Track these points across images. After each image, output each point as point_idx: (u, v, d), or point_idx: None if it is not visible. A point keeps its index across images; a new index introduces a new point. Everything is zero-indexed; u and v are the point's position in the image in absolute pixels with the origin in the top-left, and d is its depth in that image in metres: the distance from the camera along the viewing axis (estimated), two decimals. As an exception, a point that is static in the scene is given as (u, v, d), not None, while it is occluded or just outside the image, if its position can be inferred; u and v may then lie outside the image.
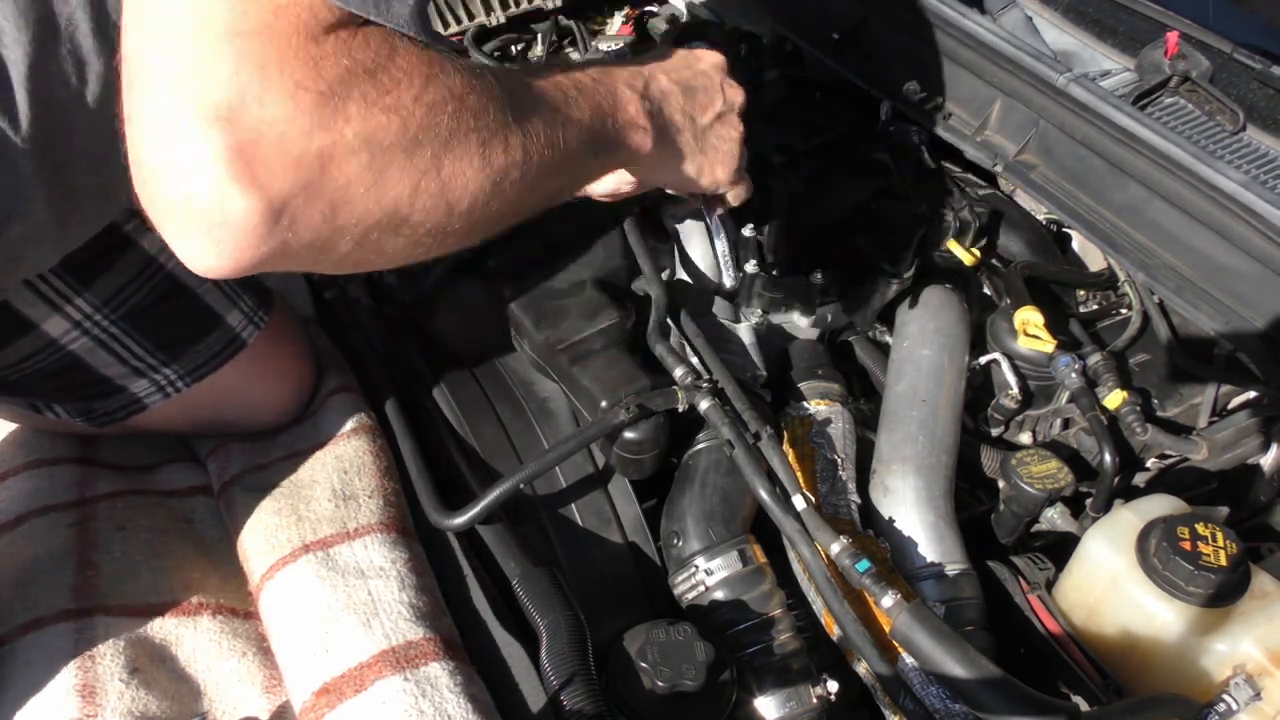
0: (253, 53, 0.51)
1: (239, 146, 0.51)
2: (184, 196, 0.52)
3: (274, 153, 0.52)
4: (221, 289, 1.07)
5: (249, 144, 0.51)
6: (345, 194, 0.56)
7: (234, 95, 0.50)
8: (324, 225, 0.56)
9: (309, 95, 0.53)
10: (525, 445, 1.15)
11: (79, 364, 1.01)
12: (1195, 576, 0.93)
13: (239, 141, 0.51)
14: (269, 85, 0.51)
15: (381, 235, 0.61)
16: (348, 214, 0.57)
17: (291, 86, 0.52)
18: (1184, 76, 1.32)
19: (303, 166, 0.53)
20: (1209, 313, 1.21)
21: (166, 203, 0.53)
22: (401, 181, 0.58)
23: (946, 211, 1.40)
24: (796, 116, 1.55)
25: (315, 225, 0.56)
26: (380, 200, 0.58)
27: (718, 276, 1.34)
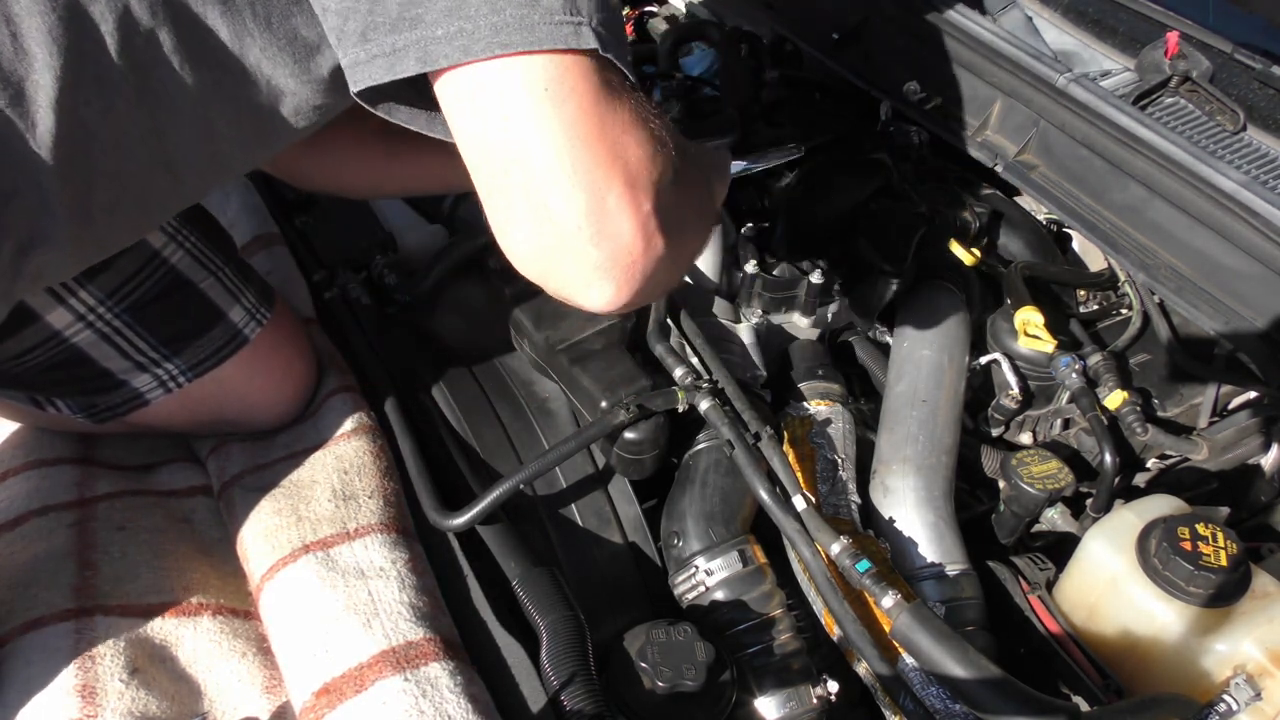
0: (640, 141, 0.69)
1: (657, 207, 0.70)
2: (621, 250, 0.69)
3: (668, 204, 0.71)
4: (224, 285, 1.07)
5: (658, 203, 0.70)
6: (693, 229, 0.80)
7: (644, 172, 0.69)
8: (686, 258, 0.84)
9: (677, 163, 0.72)
10: (525, 445, 1.15)
11: (81, 357, 1.00)
12: (1195, 577, 0.93)
13: (656, 203, 0.70)
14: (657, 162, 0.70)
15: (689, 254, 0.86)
16: (694, 245, 0.84)
17: (669, 159, 0.71)
18: (1184, 76, 1.32)
19: (672, 216, 0.71)
20: (1209, 313, 1.21)
21: (588, 262, 0.69)
22: (705, 215, 0.87)
23: (946, 211, 1.40)
24: (796, 116, 1.55)
25: (686, 256, 0.83)
26: (702, 229, 0.88)
27: (718, 276, 1.34)
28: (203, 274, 1.05)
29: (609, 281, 0.69)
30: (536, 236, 0.68)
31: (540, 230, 0.68)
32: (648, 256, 0.69)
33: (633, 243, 0.68)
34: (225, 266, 1.07)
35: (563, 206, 0.66)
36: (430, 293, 1.28)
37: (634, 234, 0.67)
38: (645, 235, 0.68)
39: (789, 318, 1.37)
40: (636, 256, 0.68)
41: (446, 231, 1.40)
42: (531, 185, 0.66)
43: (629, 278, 0.69)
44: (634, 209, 0.67)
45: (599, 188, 0.66)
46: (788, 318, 1.37)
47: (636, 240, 0.68)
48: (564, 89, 0.65)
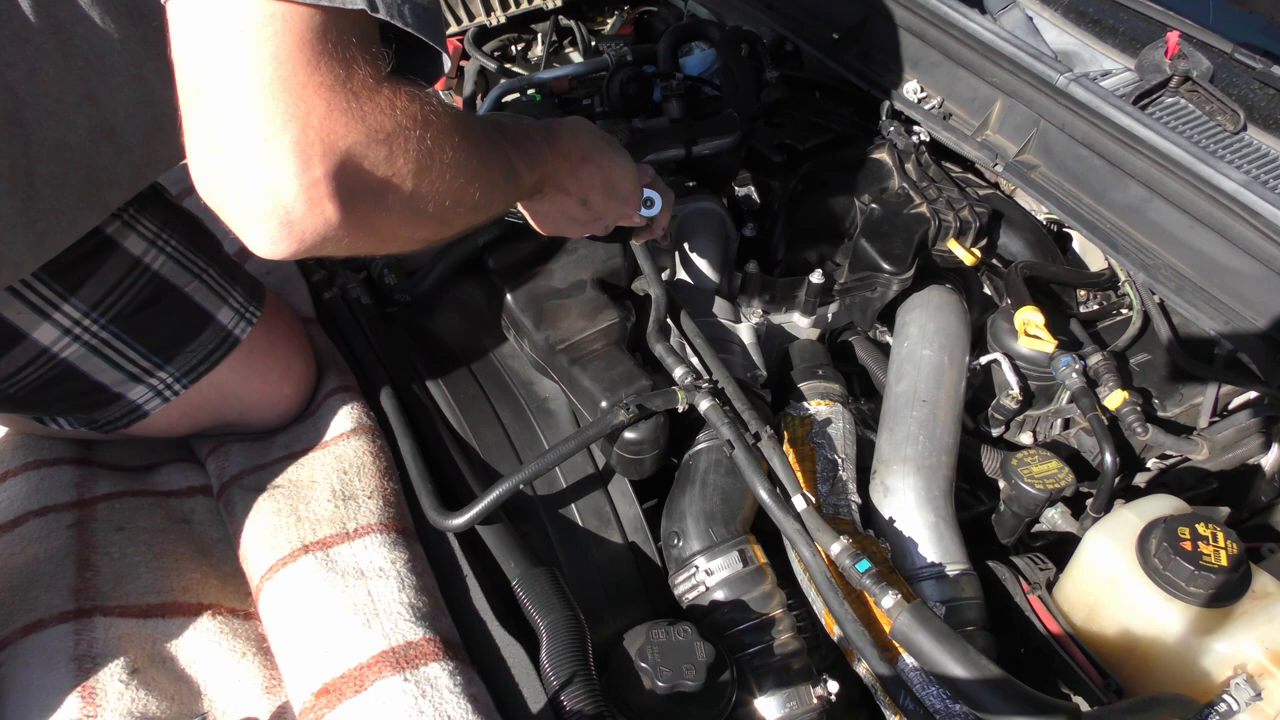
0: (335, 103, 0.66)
1: (334, 174, 0.66)
2: (281, 204, 0.66)
3: (358, 179, 0.68)
4: (210, 287, 1.06)
5: (340, 173, 0.67)
6: (393, 212, 0.72)
7: (325, 135, 0.65)
8: (374, 230, 0.72)
9: (382, 135, 0.68)
10: (525, 445, 1.15)
11: (74, 372, 1.00)
12: (1196, 577, 0.93)
13: (333, 171, 0.66)
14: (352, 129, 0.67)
15: (398, 234, 0.76)
16: (390, 226, 0.74)
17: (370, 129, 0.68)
18: (1184, 76, 1.32)
19: (373, 189, 0.69)
20: (1209, 313, 1.21)
21: (263, 206, 0.66)
22: (429, 200, 0.75)
23: (946, 211, 1.40)
24: (796, 116, 1.55)
25: (368, 228, 0.71)
26: (414, 218, 0.75)
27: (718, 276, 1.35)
28: (187, 278, 1.04)
29: (265, 230, 0.67)
30: (207, 170, 0.67)
31: (210, 164, 0.67)
32: (310, 219, 0.67)
33: (293, 202, 0.66)
34: (209, 268, 1.07)
35: (231, 147, 0.65)
36: (430, 293, 1.28)
37: (296, 194, 0.65)
38: (309, 198, 0.66)
39: (789, 318, 1.37)
40: (296, 216, 0.66)
41: (446, 231, 1.40)
42: (209, 119, 0.66)
43: (287, 233, 0.67)
44: (302, 169, 0.65)
45: (270, 140, 0.64)
46: (788, 318, 1.37)
47: (297, 200, 0.66)
48: (263, 34, 0.64)
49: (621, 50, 1.72)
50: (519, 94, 1.64)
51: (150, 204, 1.04)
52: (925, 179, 1.46)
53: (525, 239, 1.25)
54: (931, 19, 1.45)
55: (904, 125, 1.51)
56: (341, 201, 0.67)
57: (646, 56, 1.71)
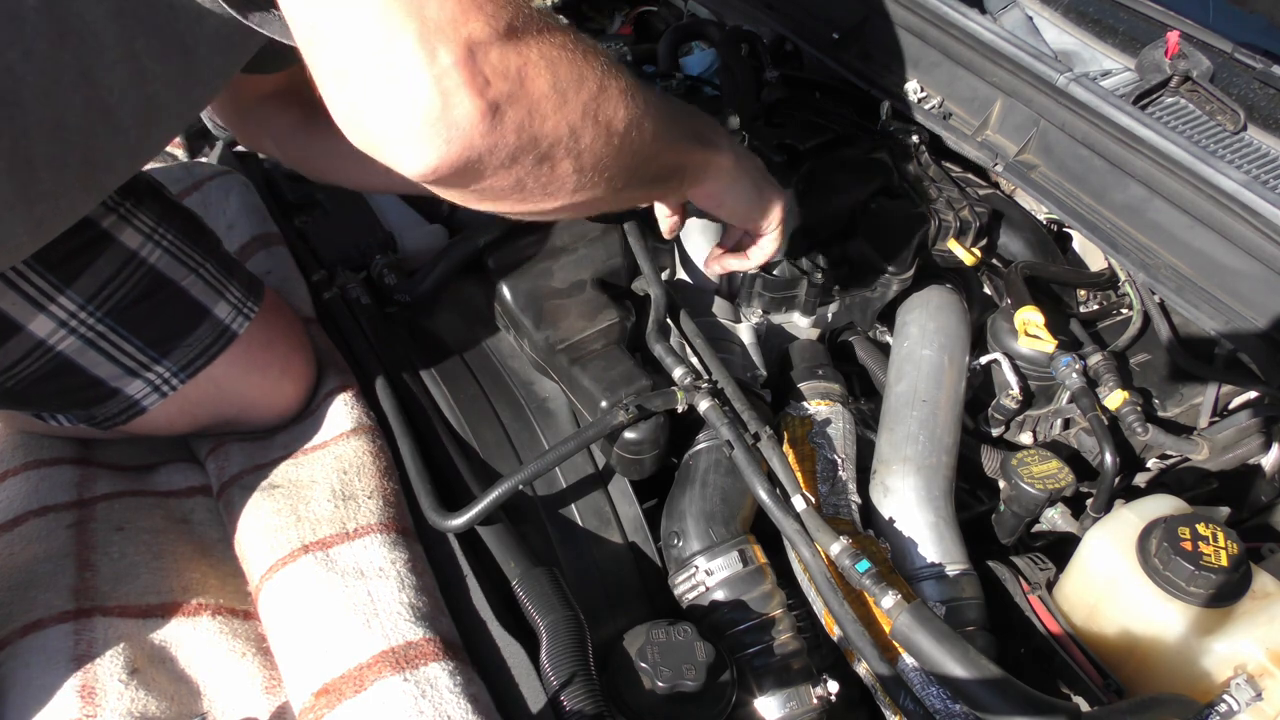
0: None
1: (462, 60, 0.65)
2: (417, 103, 0.64)
3: (487, 65, 0.66)
4: (207, 281, 1.06)
5: (468, 59, 0.65)
6: (539, 106, 0.70)
7: (449, 25, 0.64)
8: (522, 132, 0.69)
9: (503, 25, 0.67)
10: (525, 445, 1.15)
11: (70, 366, 1.00)
12: (1196, 577, 0.93)
13: (461, 57, 0.65)
14: (472, 16, 0.65)
15: (559, 159, 0.74)
16: (540, 125, 0.70)
17: (489, 16, 0.66)
18: (1184, 76, 1.32)
19: (508, 78, 0.67)
20: (1210, 312, 1.21)
21: (400, 111, 0.65)
22: (577, 103, 0.72)
23: (946, 211, 1.40)
24: (796, 117, 1.55)
25: (517, 128, 0.69)
26: (564, 117, 0.72)
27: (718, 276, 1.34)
28: (183, 272, 1.04)
29: (415, 138, 0.66)
30: (343, 101, 0.67)
31: (344, 93, 0.66)
32: (452, 111, 0.65)
33: (429, 96, 0.64)
34: (206, 262, 1.07)
35: (358, 65, 0.65)
36: (430, 293, 1.28)
37: (429, 86, 0.64)
38: (444, 89, 0.64)
39: (789, 318, 1.37)
40: (437, 112, 0.65)
41: (446, 231, 1.40)
42: (330, 49, 0.66)
43: (434, 134, 0.65)
44: (428, 59, 0.64)
45: (392, 42, 0.63)
46: (788, 318, 1.37)
47: (432, 93, 0.64)
48: None
49: (621, 50, 1.72)
50: (519, 94, 1.64)
51: (148, 199, 1.04)
52: (925, 179, 1.46)
53: (525, 239, 1.25)
54: (931, 19, 1.45)
55: (904, 125, 1.51)
56: (478, 89, 0.65)
57: (646, 56, 1.72)
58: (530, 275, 1.20)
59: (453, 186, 0.72)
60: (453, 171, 0.69)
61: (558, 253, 1.23)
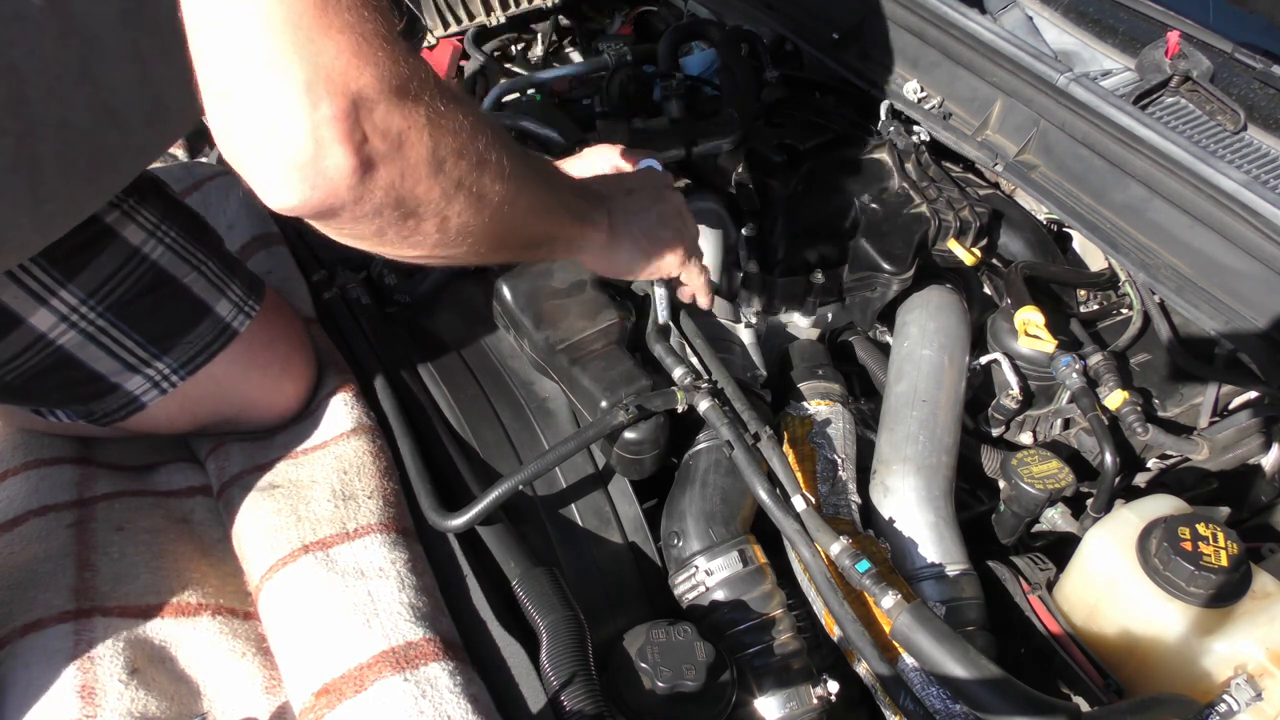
0: (346, 46, 0.64)
1: (343, 114, 0.65)
2: (291, 146, 0.64)
3: (368, 123, 0.66)
4: (208, 279, 1.06)
5: (350, 113, 0.65)
6: (414, 170, 0.70)
7: (338, 77, 0.64)
8: (391, 191, 0.70)
9: (395, 85, 0.67)
10: (525, 445, 1.15)
11: (70, 360, 1.00)
12: (1196, 577, 0.93)
13: (343, 110, 0.64)
14: (364, 72, 0.65)
15: (425, 218, 0.74)
16: (410, 187, 0.71)
17: (382, 74, 0.66)
18: (1185, 76, 1.32)
19: (387, 139, 0.67)
20: (1210, 312, 1.21)
21: (273, 150, 0.65)
22: (454, 173, 0.73)
23: (946, 211, 1.40)
24: (796, 116, 1.55)
25: (386, 187, 0.69)
26: (436, 184, 0.72)
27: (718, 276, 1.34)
28: (185, 269, 1.05)
29: (278, 175, 0.66)
30: (219, 117, 0.66)
31: (222, 111, 0.66)
32: (321, 162, 0.65)
33: (302, 142, 0.64)
34: (208, 260, 1.07)
35: (240, 90, 0.64)
36: (430, 293, 1.28)
37: (305, 133, 0.64)
38: (318, 139, 0.64)
39: (789, 318, 1.37)
40: (306, 158, 0.65)
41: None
42: (219, 66, 0.65)
43: (299, 178, 0.65)
44: (310, 107, 0.63)
45: (278, 78, 0.63)
46: (788, 318, 1.37)
47: (306, 140, 0.64)
48: None
49: (621, 50, 1.72)
50: (519, 94, 1.64)
51: (151, 196, 1.04)
52: (925, 179, 1.46)
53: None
54: (931, 19, 1.45)
55: (904, 125, 1.51)
56: (353, 146, 0.66)
57: (646, 56, 1.71)
58: (530, 275, 1.20)
59: (312, 220, 0.72)
60: (313, 214, 0.69)
61: (558, 253, 1.23)
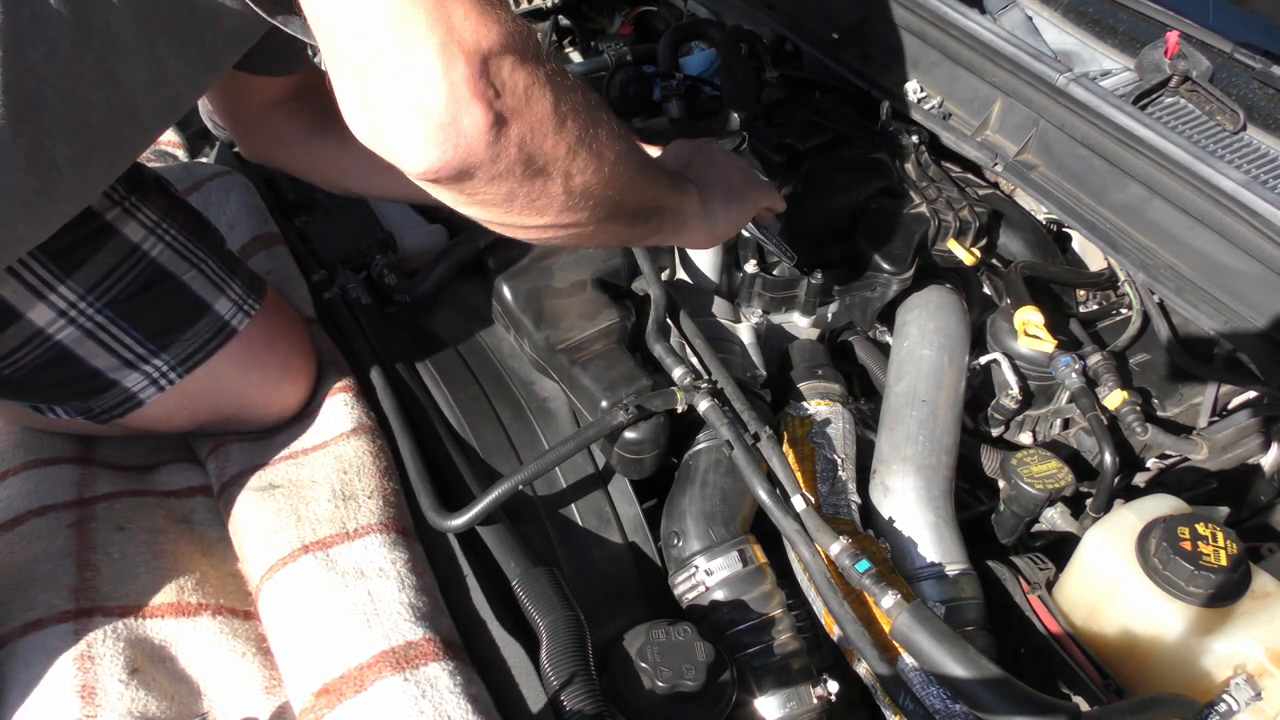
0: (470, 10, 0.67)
1: (477, 72, 0.68)
2: (430, 108, 0.67)
3: (499, 80, 0.69)
4: (208, 277, 1.06)
5: (483, 71, 0.68)
6: (541, 125, 0.73)
7: (468, 37, 0.67)
8: (523, 147, 0.73)
9: (518, 44, 0.70)
10: (525, 445, 1.15)
11: (68, 356, 1.00)
12: (1196, 576, 0.93)
13: (477, 69, 0.68)
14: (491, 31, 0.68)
15: (552, 177, 0.77)
16: (539, 142, 0.74)
17: (507, 34, 0.69)
18: (1184, 76, 1.32)
19: (516, 94, 0.70)
20: (1209, 312, 1.21)
21: (412, 113, 0.68)
22: (574, 128, 0.76)
23: (946, 211, 1.40)
24: (796, 116, 1.55)
25: (519, 142, 0.72)
26: (562, 139, 0.75)
27: (718, 276, 1.35)
28: (185, 266, 1.05)
29: (420, 139, 0.68)
30: (357, 96, 0.69)
31: (360, 91, 0.69)
32: (461, 121, 0.68)
33: (446, 103, 0.67)
34: (209, 259, 1.07)
35: (378, 65, 0.67)
36: (430, 293, 1.28)
37: (445, 93, 0.67)
38: (456, 97, 0.67)
39: (789, 318, 1.37)
40: (449, 119, 0.68)
41: (446, 231, 1.40)
42: (352, 45, 0.68)
43: (441, 139, 0.68)
44: (446, 66, 0.66)
45: (414, 48, 0.66)
46: (788, 318, 1.37)
47: (448, 100, 0.67)
48: None
49: (621, 50, 1.73)
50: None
51: (152, 194, 1.05)
52: (925, 179, 1.46)
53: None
54: (931, 19, 1.45)
55: (904, 125, 1.51)
56: (487, 102, 0.68)
57: (646, 56, 1.72)
58: (530, 275, 1.20)
59: (448, 188, 0.74)
60: (452, 175, 0.71)
61: (558, 253, 1.23)
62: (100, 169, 0.87)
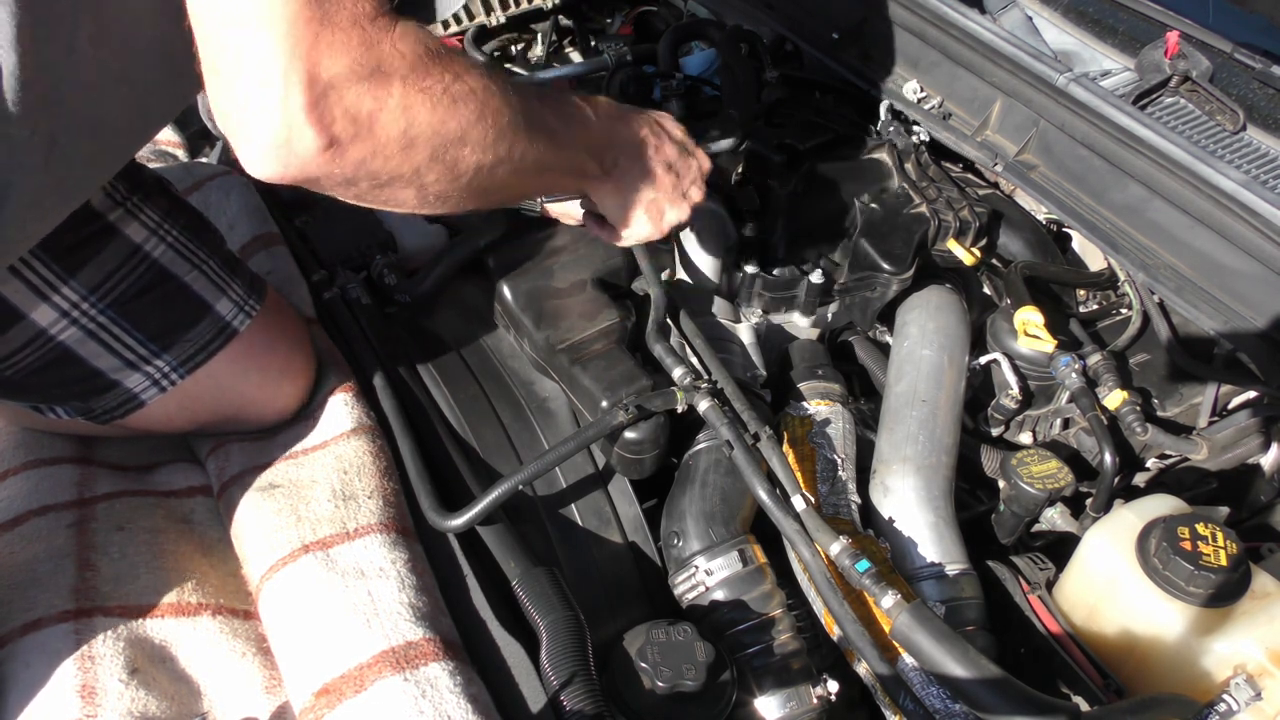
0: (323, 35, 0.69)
1: (313, 103, 0.69)
2: (266, 128, 0.69)
3: (339, 107, 0.70)
4: (210, 278, 1.06)
5: (320, 100, 0.69)
6: (384, 149, 0.74)
7: (310, 65, 0.68)
8: (361, 167, 0.74)
9: (369, 68, 0.71)
10: (525, 445, 1.15)
11: (70, 356, 1.00)
12: (1195, 576, 0.93)
13: (313, 99, 0.69)
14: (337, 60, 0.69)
15: (400, 188, 0.78)
16: (381, 164, 0.75)
17: (357, 58, 0.70)
18: (1184, 76, 1.32)
19: (357, 121, 0.71)
20: (1209, 312, 1.21)
21: (250, 127, 0.70)
22: (425, 149, 0.76)
23: (946, 211, 1.40)
24: (796, 116, 1.55)
25: (356, 164, 0.73)
26: (407, 159, 0.76)
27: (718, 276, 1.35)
28: (186, 267, 1.05)
29: (256, 152, 0.71)
30: (213, 90, 0.71)
31: (211, 83, 0.71)
32: (294, 143, 0.70)
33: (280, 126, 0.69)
34: (210, 259, 1.07)
35: (225, 68, 0.69)
36: (430, 293, 1.28)
37: (279, 118, 0.69)
38: (289, 123, 0.69)
39: (789, 318, 1.37)
40: (283, 140, 0.70)
41: (446, 231, 1.40)
42: (208, 40, 0.70)
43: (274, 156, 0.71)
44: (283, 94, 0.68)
45: (260, 61, 0.68)
46: (788, 318, 1.37)
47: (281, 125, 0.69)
48: None
49: (621, 50, 1.72)
50: (519, 94, 1.63)
51: (154, 195, 1.05)
52: (925, 179, 1.46)
53: (526, 239, 1.25)
54: (931, 19, 1.45)
55: (904, 125, 1.51)
56: (322, 128, 0.70)
57: (646, 56, 1.71)
58: (530, 275, 1.20)
59: (296, 185, 0.76)
60: (291, 183, 0.74)
61: (558, 252, 1.23)
62: (110, 165, 0.88)
